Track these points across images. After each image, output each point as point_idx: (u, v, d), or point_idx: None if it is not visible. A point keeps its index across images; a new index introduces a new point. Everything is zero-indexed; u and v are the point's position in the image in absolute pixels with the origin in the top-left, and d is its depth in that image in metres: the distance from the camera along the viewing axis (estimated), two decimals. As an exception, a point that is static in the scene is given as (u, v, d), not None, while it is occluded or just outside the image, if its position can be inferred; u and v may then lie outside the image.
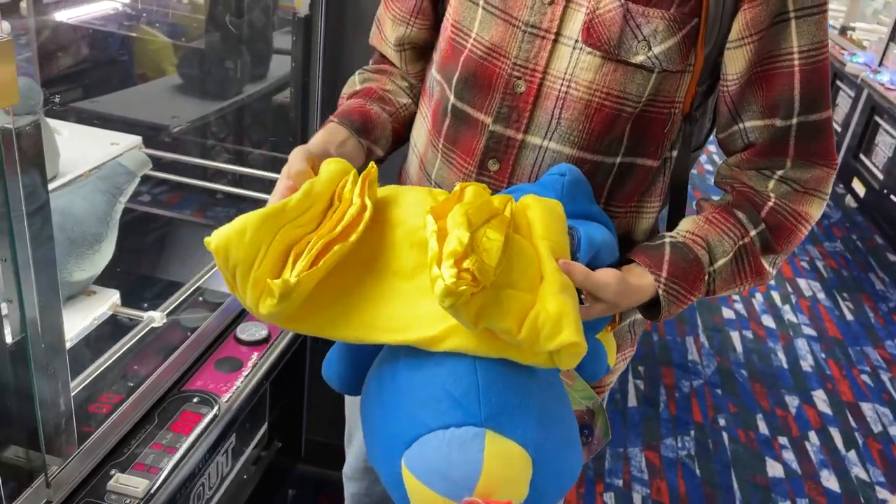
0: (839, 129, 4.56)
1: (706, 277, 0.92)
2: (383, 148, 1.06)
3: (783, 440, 2.62)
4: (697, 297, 0.94)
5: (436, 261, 0.66)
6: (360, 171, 0.83)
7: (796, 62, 0.88)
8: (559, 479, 0.70)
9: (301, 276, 0.68)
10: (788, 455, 2.55)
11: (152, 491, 1.01)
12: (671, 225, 1.03)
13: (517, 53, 0.91)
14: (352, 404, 1.35)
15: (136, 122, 1.73)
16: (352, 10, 1.58)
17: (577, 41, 0.88)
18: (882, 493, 2.43)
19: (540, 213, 0.80)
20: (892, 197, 3.79)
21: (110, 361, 1.11)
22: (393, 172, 1.17)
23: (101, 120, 1.67)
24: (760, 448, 2.57)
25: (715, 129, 1.01)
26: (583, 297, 0.83)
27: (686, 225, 0.96)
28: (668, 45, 0.86)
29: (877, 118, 4.17)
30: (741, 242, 0.93)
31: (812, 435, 2.67)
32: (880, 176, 3.95)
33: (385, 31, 1.10)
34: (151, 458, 1.06)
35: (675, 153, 0.98)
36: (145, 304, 1.26)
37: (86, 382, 1.07)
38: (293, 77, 1.58)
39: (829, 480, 2.46)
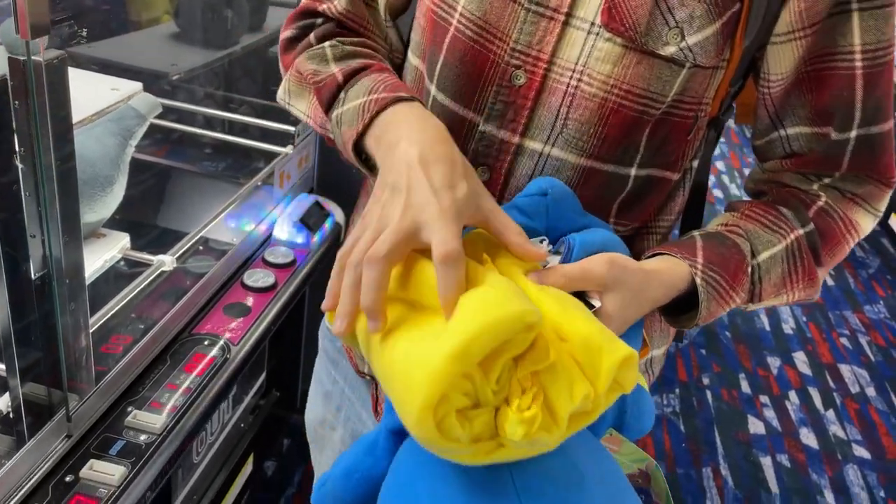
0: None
1: (748, 269, 0.75)
2: None
3: (764, 399, 2.70)
4: (741, 299, 0.76)
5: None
6: None
7: (858, 63, 0.72)
8: None
9: None
10: (769, 413, 2.62)
11: (169, 427, 1.03)
12: (686, 232, 0.84)
13: (517, 36, 0.73)
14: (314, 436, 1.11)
15: (134, 68, 1.71)
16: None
17: (593, 24, 0.71)
18: (858, 451, 2.52)
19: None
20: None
21: (123, 303, 1.12)
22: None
23: (98, 65, 1.65)
24: (743, 406, 2.64)
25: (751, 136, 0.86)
26: (590, 300, 0.65)
27: (717, 220, 0.81)
28: (705, 35, 0.69)
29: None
30: (791, 237, 0.77)
31: (792, 394, 2.75)
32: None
33: None
34: (166, 396, 1.08)
35: (696, 163, 0.82)
36: (144, 250, 1.26)
37: (100, 323, 1.08)
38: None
39: (808, 438, 2.54)
